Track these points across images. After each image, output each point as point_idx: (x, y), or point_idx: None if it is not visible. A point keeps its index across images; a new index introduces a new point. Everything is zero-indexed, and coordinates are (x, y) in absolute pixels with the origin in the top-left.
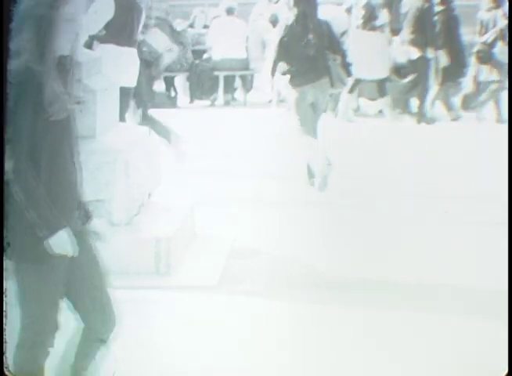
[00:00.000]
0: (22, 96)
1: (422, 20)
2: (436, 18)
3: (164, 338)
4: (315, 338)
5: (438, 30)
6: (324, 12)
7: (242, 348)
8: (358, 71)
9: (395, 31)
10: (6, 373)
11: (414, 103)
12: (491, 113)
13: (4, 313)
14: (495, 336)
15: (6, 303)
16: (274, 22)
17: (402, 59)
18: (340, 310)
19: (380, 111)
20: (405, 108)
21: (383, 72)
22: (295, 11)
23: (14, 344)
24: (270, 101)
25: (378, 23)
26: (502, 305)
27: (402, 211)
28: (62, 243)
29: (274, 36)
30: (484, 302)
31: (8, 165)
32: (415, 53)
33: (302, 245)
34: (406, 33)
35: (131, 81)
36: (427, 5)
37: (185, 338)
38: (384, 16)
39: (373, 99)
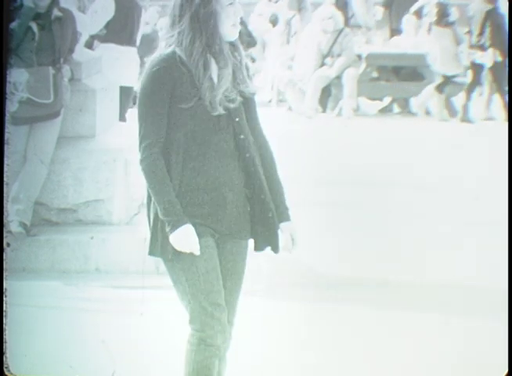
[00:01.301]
0: (160, 85)
1: (487, 22)
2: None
3: (164, 337)
4: (314, 338)
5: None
6: (322, 12)
7: (241, 347)
8: (436, 67)
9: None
10: (6, 373)
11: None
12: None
13: (4, 313)
14: (495, 336)
15: (6, 303)
16: (274, 22)
17: (466, 61)
18: (340, 310)
19: (381, 111)
20: (405, 107)
21: (456, 69)
22: None
23: (14, 344)
24: (270, 101)
25: (451, 19)
26: (503, 305)
27: (401, 211)
28: (179, 240)
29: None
30: (484, 302)
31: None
32: (482, 56)
33: (302, 245)
34: (474, 35)
35: (131, 80)
36: (490, 7)
37: (186, 337)
38: (455, 13)
39: (374, 99)
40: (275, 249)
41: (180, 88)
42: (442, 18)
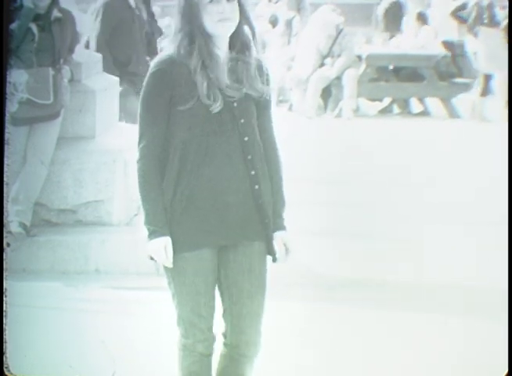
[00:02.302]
0: (157, 86)
1: None
2: None
3: (164, 338)
4: (314, 338)
5: None
6: (322, 12)
7: None
8: (485, 66)
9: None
10: (6, 373)
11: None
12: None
13: (4, 313)
14: (495, 336)
15: (6, 303)
16: (274, 22)
17: None
18: (339, 310)
19: (381, 112)
20: (404, 108)
21: (500, 68)
22: None
23: (14, 344)
24: None
25: (497, 19)
26: (503, 305)
27: (401, 211)
28: (154, 251)
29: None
30: (484, 302)
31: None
32: None
33: (302, 245)
34: None
35: None
36: None
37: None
38: (500, 13)
39: (373, 100)
40: (273, 258)
41: (179, 89)
42: (492, 19)
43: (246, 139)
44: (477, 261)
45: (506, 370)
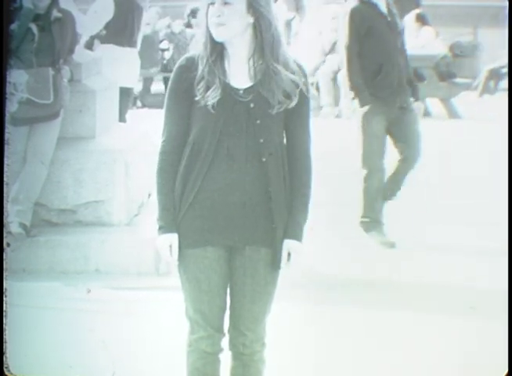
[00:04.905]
0: (177, 83)
1: None
2: None
3: (164, 338)
4: (314, 338)
5: None
6: (326, 12)
7: None
8: None
9: None
10: (6, 373)
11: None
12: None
13: (4, 313)
14: (495, 336)
15: (6, 303)
16: None
17: None
18: (340, 310)
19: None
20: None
21: None
22: None
23: (14, 344)
24: None
25: None
26: (502, 305)
27: (401, 211)
28: (161, 247)
29: None
30: (484, 302)
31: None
32: None
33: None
34: None
35: (131, 81)
36: None
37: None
38: None
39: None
40: (273, 264)
41: (197, 88)
42: None
43: (261, 140)
44: (477, 261)
45: (506, 370)
